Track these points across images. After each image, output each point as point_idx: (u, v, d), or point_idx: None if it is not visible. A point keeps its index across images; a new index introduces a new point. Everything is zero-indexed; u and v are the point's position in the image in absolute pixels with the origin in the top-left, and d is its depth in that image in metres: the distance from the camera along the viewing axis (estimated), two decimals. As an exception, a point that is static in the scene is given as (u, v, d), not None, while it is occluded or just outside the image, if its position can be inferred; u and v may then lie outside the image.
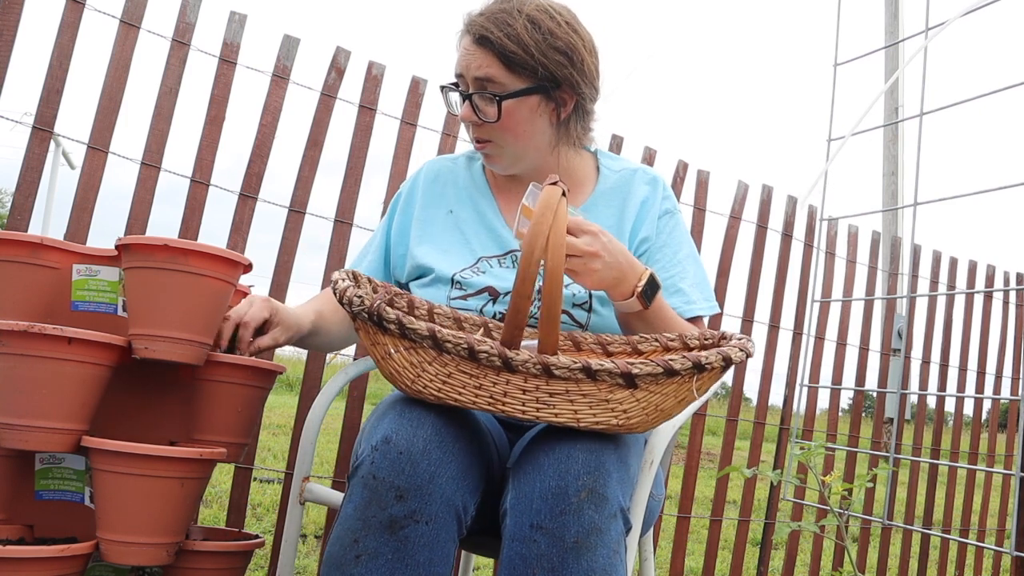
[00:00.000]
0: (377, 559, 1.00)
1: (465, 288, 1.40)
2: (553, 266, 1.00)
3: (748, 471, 1.85)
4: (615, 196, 1.48)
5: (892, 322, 3.22)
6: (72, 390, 1.21)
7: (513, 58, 1.34)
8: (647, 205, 1.47)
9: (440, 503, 1.03)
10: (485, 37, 1.34)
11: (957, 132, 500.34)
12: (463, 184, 1.53)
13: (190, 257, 1.25)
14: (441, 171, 1.56)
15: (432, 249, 1.47)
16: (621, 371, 1.01)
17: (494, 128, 1.38)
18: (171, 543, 1.23)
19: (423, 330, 1.03)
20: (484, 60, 1.35)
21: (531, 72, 1.35)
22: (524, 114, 1.38)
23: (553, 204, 1.02)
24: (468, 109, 1.38)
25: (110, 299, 1.38)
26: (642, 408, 1.04)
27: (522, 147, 1.41)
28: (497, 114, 1.36)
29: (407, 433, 1.05)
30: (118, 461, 1.18)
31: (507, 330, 1.02)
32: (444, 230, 1.49)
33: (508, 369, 1.02)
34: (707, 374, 1.06)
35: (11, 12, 1.86)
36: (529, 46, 1.34)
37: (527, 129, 1.39)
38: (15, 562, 1.13)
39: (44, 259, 1.34)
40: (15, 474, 1.31)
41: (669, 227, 1.47)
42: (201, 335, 1.28)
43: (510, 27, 1.34)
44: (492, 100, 1.36)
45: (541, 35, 1.35)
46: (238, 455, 1.40)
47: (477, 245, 1.46)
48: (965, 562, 3.42)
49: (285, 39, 2.15)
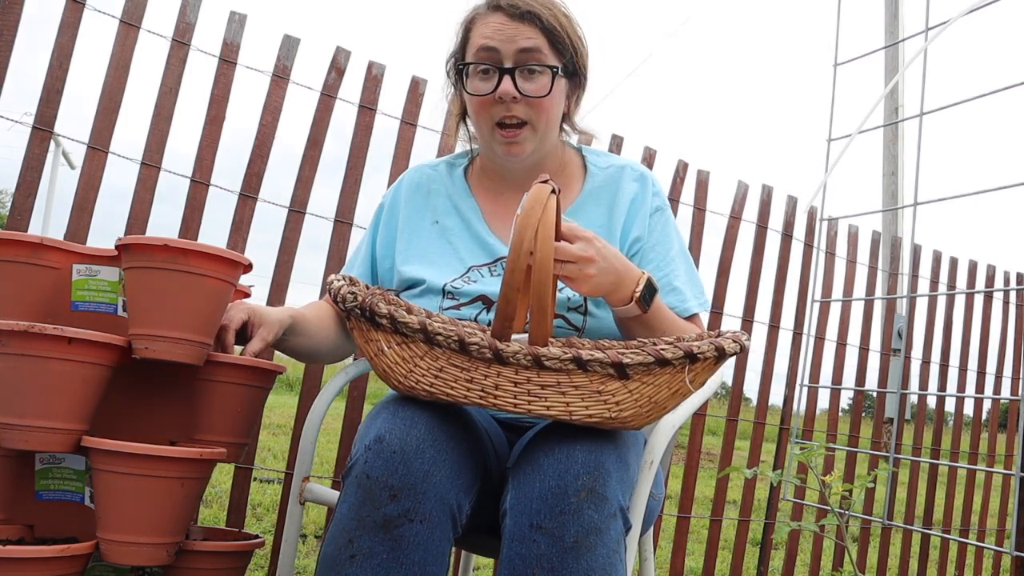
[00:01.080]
0: (372, 559, 1.00)
1: (458, 298, 1.38)
2: (542, 258, 1.00)
3: (748, 471, 1.85)
4: (603, 194, 1.46)
5: (892, 322, 3.22)
6: (72, 390, 1.21)
7: (557, 36, 1.33)
8: (637, 203, 1.44)
9: (434, 502, 1.03)
10: (532, 12, 1.32)
11: (957, 132, 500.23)
12: (446, 192, 1.50)
13: (190, 257, 1.25)
14: (422, 180, 1.52)
15: (420, 263, 1.44)
16: (612, 361, 1.01)
17: (533, 105, 1.34)
18: (171, 543, 1.23)
19: (414, 323, 1.04)
20: (530, 33, 1.32)
21: (566, 54, 1.36)
22: (558, 95, 1.37)
23: (542, 199, 1.02)
24: (509, 84, 1.32)
25: (110, 299, 1.38)
26: (635, 400, 1.04)
27: (551, 131, 1.39)
28: (549, 87, 1.33)
29: (400, 432, 1.05)
30: (118, 461, 1.18)
31: (497, 322, 1.02)
32: (431, 241, 1.46)
33: (499, 361, 1.02)
34: (700, 364, 1.05)
35: (11, 12, 1.86)
36: (566, 28, 1.35)
37: (558, 113, 1.39)
38: (15, 562, 1.13)
39: (44, 259, 1.34)
40: (15, 474, 1.31)
41: (660, 224, 1.45)
42: (201, 335, 1.28)
43: (551, 8, 1.34)
44: (542, 73, 1.33)
45: (571, 24, 1.36)
46: (238, 455, 1.40)
47: (466, 254, 1.43)
48: (965, 562, 3.42)
49: (285, 39, 2.15)
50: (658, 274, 1.40)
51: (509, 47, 1.32)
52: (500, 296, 1.01)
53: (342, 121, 2.20)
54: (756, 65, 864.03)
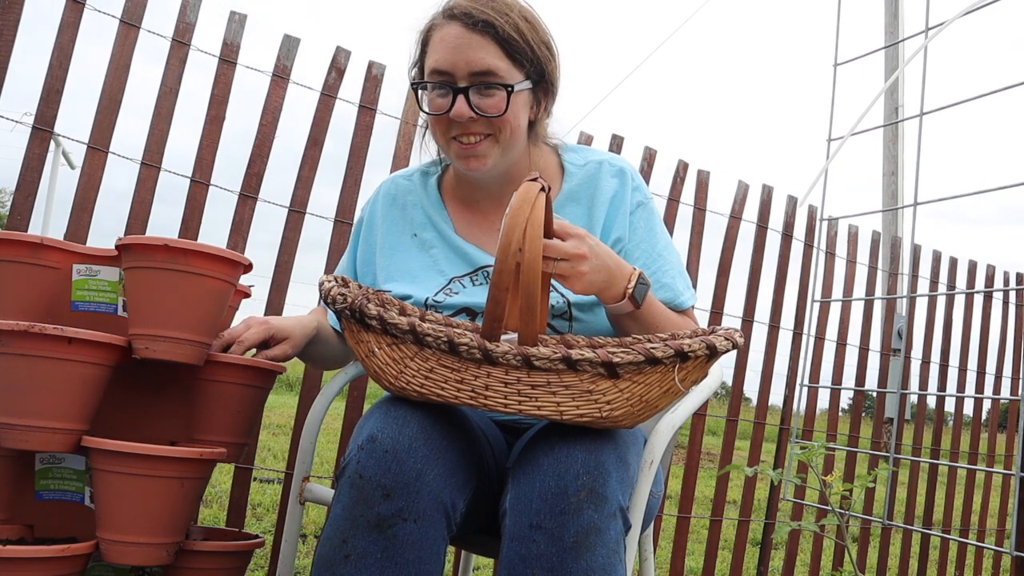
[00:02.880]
0: (366, 558, 1.00)
1: (441, 311, 1.37)
2: (531, 257, 1.00)
3: (749, 469, 1.85)
4: (582, 193, 1.42)
5: (892, 322, 3.22)
6: (72, 390, 1.21)
7: (515, 47, 1.29)
8: (617, 201, 1.41)
9: (428, 500, 1.03)
10: (488, 23, 1.27)
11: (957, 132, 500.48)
12: (420, 204, 1.47)
13: (190, 257, 1.25)
14: (398, 192, 1.50)
15: (402, 279, 1.43)
16: (602, 360, 1.01)
17: (492, 122, 1.31)
18: (171, 543, 1.23)
19: (404, 324, 1.04)
20: (484, 49, 1.28)
21: (527, 63, 1.31)
22: (520, 107, 1.33)
23: (531, 197, 1.02)
24: (464, 105, 1.28)
25: (110, 299, 1.38)
26: (626, 399, 1.03)
27: (515, 143, 1.35)
28: (505, 106, 1.29)
29: (392, 431, 1.05)
30: (118, 461, 1.18)
31: (486, 323, 1.02)
32: (411, 256, 1.44)
33: (489, 361, 1.02)
34: (691, 363, 1.04)
35: (11, 12, 1.86)
36: (526, 36, 1.30)
37: (521, 124, 1.34)
38: (15, 562, 1.13)
39: (44, 259, 1.34)
40: (15, 474, 1.31)
41: (643, 220, 1.42)
42: (201, 335, 1.28)
43: (508, 16, 1.29)
44: (497, 91, 1.29)
45: (531, 27, 1.32)
46: (238, 455, 1.40)
47: (446, 266, 1.42)
48: (965, 562, 3.42)
49: (285, 39, 2.15)
50: (647, 271, 1.37)
51: (462, 67, 1.28)
52: (489, 296, 1.01)
53: (342, 121, 2.20)
54: (756, 65, 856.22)
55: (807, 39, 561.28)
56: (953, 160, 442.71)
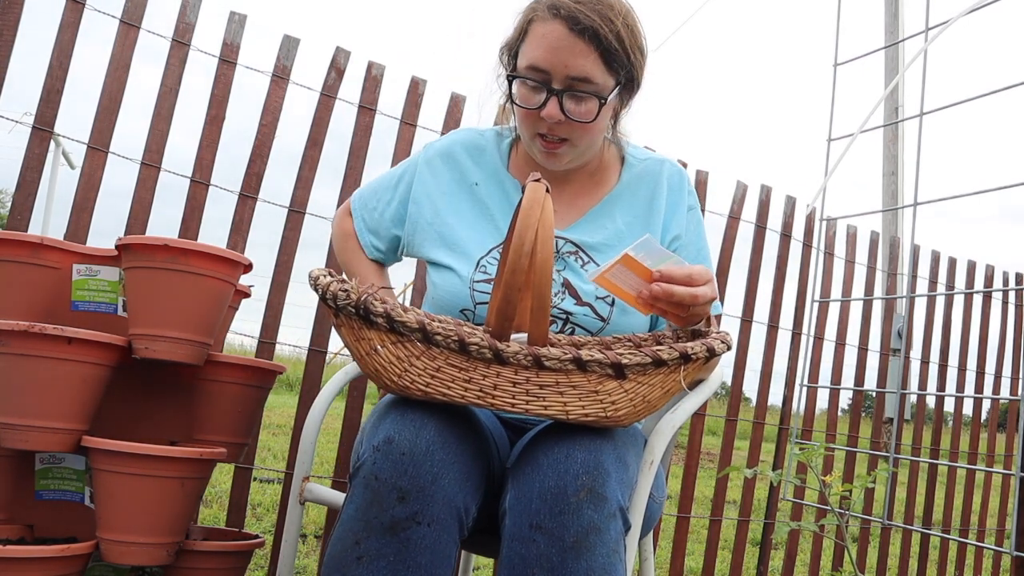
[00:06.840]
0: (378, 561, 1.00)
1: (489, 273, 1.37)
2: (543, 258, 1.00)
3: (748, 471, 1.85)
4: (642, 185, 1.45)
5: (891, 322, 3.22)
6: (72, 390, 1.21)
7: (614, 56, 1.27)
8: (676, 200, 1.44)
9: (442, 505, 1.03)
10: (593, 30, 1.25)
11: (957, 132, 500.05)
12: (490, 160, 1.47)
13: (190, 257, 1.25)
14: (474, 143, 1.49)
15: (458, 221, 1.42)
16: (611, 362, 1.02)
17: (577, 128, 1.31)
18: (171, 543, 1.24)
19: (412, 323, 1.03)
20: (584, 56, 1.26)
21: (622, 71, 1.30)
22: (607, 112, 1.33)
23: (540, 199, 1.03)
24: (555, 108, 1.28)
25: (110, 299, 1.38)
26: (630, 400, 1.05)
27: (594, 144, 1.37)
28: (595, 115, 1.29)
29: (410, 434, 1.05)
30: (118, 461, 1.19)
31: (497, 322, 1.02)
32: (470, 204, 1.44)
33: (499, 361, 1.02)
34: (692, 364, 1.07)
35: (11, 12, 1.86)
36: (625, 45, 1.29)
37: (602, 129, 1.36)
38: (15, 562, 1.13)
39: (44, 259, 1.34)
40: (15, 474, 1.32)
41: (694, 224, 1.46)
42: (201, 335, 1.28)
43: (612, 23, 1.27)
44: (590, 99, 1.28)
45: (631, 33, 1.30)
46: (238, 455, 1.40)
47: (502, 223, 1.42)
48: (965, 562, 3.42)
49: (285, 39, 2.15)
50: None
51: (560, 70, 1.27)
52: (500, 296, 1.01)
53: (342, 121, 2.20)
54: (756, 65, 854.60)
55: (807, 39, 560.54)
56: (953, 160, 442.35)
